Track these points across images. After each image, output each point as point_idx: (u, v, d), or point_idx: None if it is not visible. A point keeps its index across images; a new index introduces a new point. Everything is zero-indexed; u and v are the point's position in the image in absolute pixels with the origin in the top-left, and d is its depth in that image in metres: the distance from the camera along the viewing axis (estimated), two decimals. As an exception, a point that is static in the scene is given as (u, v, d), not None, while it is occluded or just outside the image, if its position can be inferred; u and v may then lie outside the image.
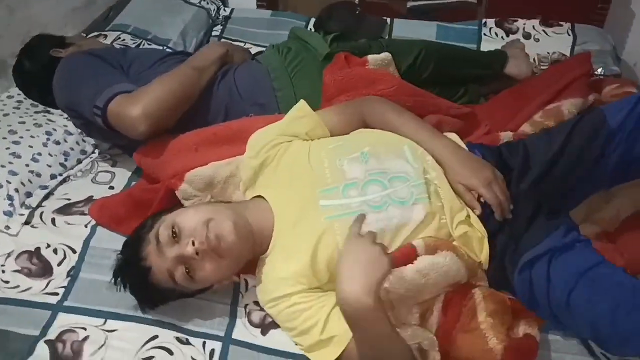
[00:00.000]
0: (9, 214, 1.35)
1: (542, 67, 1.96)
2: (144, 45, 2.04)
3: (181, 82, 1.36)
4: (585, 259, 1.05)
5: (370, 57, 1.46)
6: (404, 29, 2.23)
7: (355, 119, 1.26)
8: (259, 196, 1.18)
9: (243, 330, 1.11)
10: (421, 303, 1.07)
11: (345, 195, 1.09)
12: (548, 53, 2.07)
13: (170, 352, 1.05)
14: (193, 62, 1.44)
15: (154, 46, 2.02)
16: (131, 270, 1.07)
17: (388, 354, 0.96)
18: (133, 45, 2.02)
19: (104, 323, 1.11)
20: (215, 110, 1.44)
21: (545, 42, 2.14)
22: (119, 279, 1.09)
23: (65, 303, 1.16)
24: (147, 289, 1.07)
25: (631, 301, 0.97)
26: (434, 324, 1.06)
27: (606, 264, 1.04)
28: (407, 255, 1.06)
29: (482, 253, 1.11)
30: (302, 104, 1.26)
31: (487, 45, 2.12)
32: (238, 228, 1.05)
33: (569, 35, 2.16)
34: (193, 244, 1.02)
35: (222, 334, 1.10)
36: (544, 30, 2.19)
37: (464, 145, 1.25)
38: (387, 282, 1.00)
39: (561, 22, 2.20)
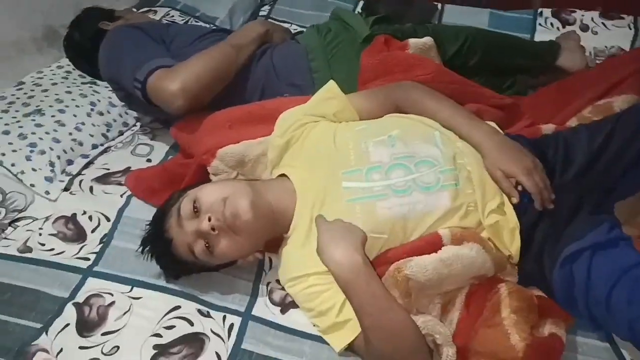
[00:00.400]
0: (49, 179, 1.40)
1: (598, 62, 1.87)
2: (191, 22, 2.07)
3: (219, 59, 1.37)
4: (629, 257, 0.99)
5: (411, 40, 1.42)
6: (455, 16, 2.18)
7: (388, 103, 1.23)
8: (284, 175, 1.17)
9: (263, 308, 1.12)
10: (443, 294, 1.05)
11: (368, 179, 1.08)
12: (606, 47, 1.97)
13: (191, 323, 1.07)
14: (232, 40, 1.45)
15: (201, 24, 2.05)
16: (156, 241, 1.10)
17: (390, 324, 0.95)
18: (181, 22, 2.05)
19: (130, 290, 1.14)
20: (252, 89, 1.44)
21: (604, 35, 2.04)
22: (146, 248, 1.12)
23: (95, 268, 1.19)
24: (170, 260, 1.10)
25: None
26: (455, 316, 1.04)
27: None
28: (432, 243, 1.03)
29: (512, 245, 1.07)
30: (331, 84, 1.24)
31: (541, 36, 2.04)
32: (255, 206, 1.06)
33: (631, 29, 2.05)
34: (209, 219, 1.03)
35: (242, 309, 1.11)
36: (603, 23, 2.09)
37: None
38: (408, 269, 0.98)
39: (623, 15, 2.09)
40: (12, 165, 1.39)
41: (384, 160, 1.09)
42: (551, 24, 2.13)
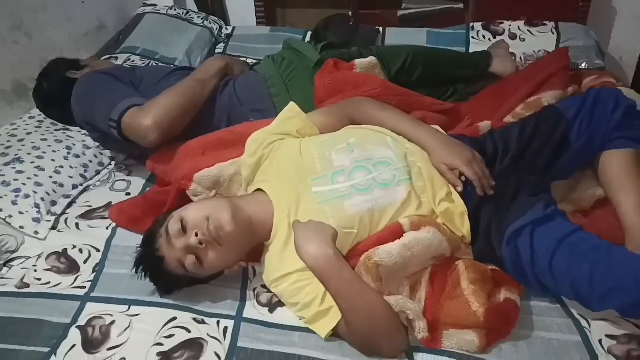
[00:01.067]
0: (37, 220, 1.49)
1: (526, 65, 2.07)
2: (152, 64, 2.19)
3: (186, 94, 1.50)
4: (565, 227, 1.15)
5: (357, 61, 1.60)
6: (396, 37, 2.37)
7: (342, 117, 1.39)
8: (259, 190, 1.30)
9: (252, 310, 1.22)
10: (410, 277, 1.19)
11: (334, 182, 1.23)
12: (534, 52, 2.19)
13: (189, 331, 1.16)
14: (196, 75, 1.59)
15: (161, 65, 2.17)
16: (148, 260, 1.20)
17: (365, 305, 1.08)
18: (142, 65, 2.17)
19: (128, 309, 1.22)
20: (219, 117, 1.58)
21: (531, 41, 2.26)
22: (139, 268, 1.22)
23: (92, 294, 1.28)
24: (163, 276, 1.20)
25: (606, 261, 1.07)
26: (422, 295, 1.18)
27: (583, 232, 1.14)
28: (394, 232, 1.18)
29: (464, 227, 1.22)
30: (292, 105, 1.40)
31: (475, 48, 2.25)
32: (236, 218, 1.18)
33: (553, 33, 2.28)
34: (196, 235, 1.14)
35: (233, 313, 1.21)
36: (529, 30, 2.31)
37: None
38: (376, 256, 1.12)
39: (545, 22, 2.32)
40: (0, 210, 1.47)
41: (346, 164, 1.24)
42: (483, 36, 2.34)
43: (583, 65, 2.13)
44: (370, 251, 1.14)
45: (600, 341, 1.11)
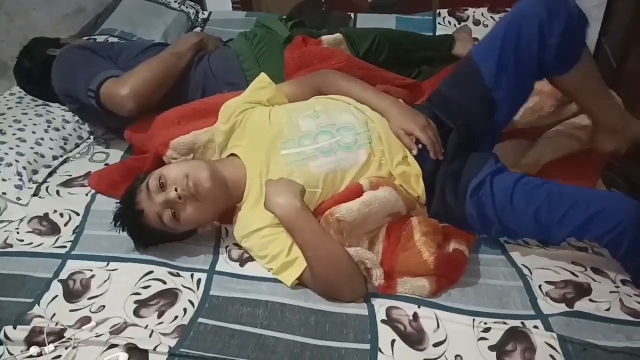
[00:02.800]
0: (19, 187, 1.56)
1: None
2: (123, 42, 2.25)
3: (162, 66, 1.59)
4: (516, 174, 1.29)
5: (324, 37, 1.71)
6: (367, 22, 2.47)
7: (311, 88, 1.50)
8: (232, 154, 1.39)
9: (224, 264, 1.32)
10: (369, 232, 1.29)
11: (300, 145, 1.33)
12: (495, 36, 2.31)
13: (164, 282, 1.25)
14: (171, 49, 1.68)
15: (141, 41, 2.24)
16: (127, 214, 1.29)
17: (328, 253, 1.19)
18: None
19: (107, 264, 1.31)
20: (194, 90, 1.67)
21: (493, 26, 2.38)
22: (118, 222, 1.30)
23: (73, 252, 1.36)
24: (141, 229, 1.29)
25: (557, 190, 1.22)
26: (380, 248, 1.29)
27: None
28: (355, 192, 1.28)
29: (419, 188, 1.33)
30: (262, 76, 1.49)
31: (441, 33, 2.36)
32: (213, 177, 1.28)
33: (514, 20, 2.40)
34: (176, 190, 1.24)
35: (207, 267, 1.30)
36: (491, 17, 2.45)
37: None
38: (338, 212, 1.22)
39: (507, 9, 2.41)
40: (-18, 178, 1.54)
41: (312, 129, 1.35)
42: (448, 22, 2.47)
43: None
44: (332, 208, 1.25)
45: (540, 286, 1.23)
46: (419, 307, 1.18)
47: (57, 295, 1.23)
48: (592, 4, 2.61)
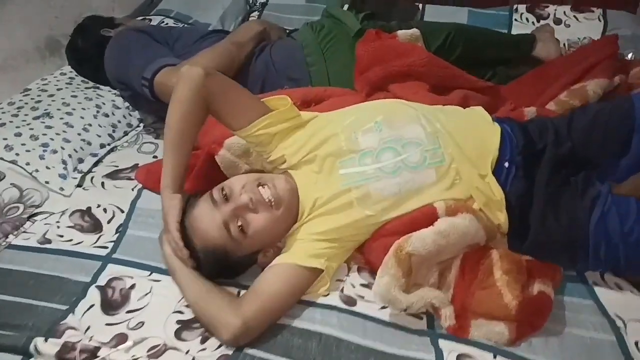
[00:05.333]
0: (63, 176, 1.48)
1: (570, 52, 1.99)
2: (182, 27, 2.15)
3: (222, 55, 1.47)
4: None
5: (400, 32, 1.53)
6: (436, 15, 2.29)
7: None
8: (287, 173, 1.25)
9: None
10: (440, 262, 1.14)
11: (361, 164, 1.18)
12: (578, 39, 2.10)
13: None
14: (233, 38, 1.55)
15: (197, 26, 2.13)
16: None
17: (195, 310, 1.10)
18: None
19: (150, 274, 1.20)
20: (253, 83, 1.54)
21: (576, 27, 2.17)
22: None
23: (114, 255, 1.26)
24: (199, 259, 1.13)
25: None
26: (452, 281, 1.13)
27: None
28: (427, 215, 1.13)
29: (501, 215, 1.17)
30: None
31: (517, 31, 2.17)
32: (289, 182, 1.17)
33: (600, 21, 2.19)
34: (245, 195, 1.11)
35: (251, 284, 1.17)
36: (574, 16, 2.22)
37: (489, 118, 1.32)
38: (409, 246, 1.07)
39: (592, 8, 2.23)
40: (27, 164, 1.46)
41: (374, 145, 1.19)
42: (526, 19, 2.26)
43: (629, 56, 2.02)
44: (402, 240, 1.09)
45: (636, 343, 1.06)
46: (495, 357, 1.02)
47: (93, 305, 1.13)
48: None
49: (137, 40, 1.56)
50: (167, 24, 2.17)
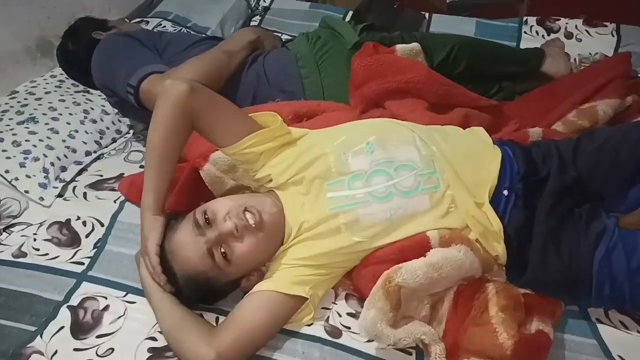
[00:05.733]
0: (43, 186, 1.41)
1: (581, 69, 1.91)
2: (183, 32, 2.10)
3: (211, 65, 1.40)
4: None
5: (398, 46, 1.46)
6: (442, 25, 2.22)
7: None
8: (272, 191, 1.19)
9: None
10: (432, 294, 1.07)
11: (350, 187, 1.10)
12: (590, 54, 2.02)
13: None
14: (224, 46, 1.48)
15: (191, 32, 2.07)
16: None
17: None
18: (172, 32, 2.07)
19: (125, 295, 1.14)
20: (244, 94, 1.47)
21: (588, 42, 2.09)
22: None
23: (90, 273, 1.20)
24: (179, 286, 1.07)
25: None
26: (444, 315, 1.06)
27: None
28: (420, 244, 1.06)
29: (499, 247, 1.09)
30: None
31: (527, 44, 2.10)
32: (276, 204, 1.11)
33: (613, 36, 2.10)
34: (230, 219, 1.04)
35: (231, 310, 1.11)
36: (586, 30, 2.14)
37: (490, 140, 1.24)
38: (399, 277, 1.00)
39: (606, 23, 2.14)
40: (6, 172, 1.40)
41: (364, 168, 1.12)
42: (536, 32, 2.18)
43: (642, 74, 1.95)
44: (391, 270, 1.01)
45: (640, 390, 0.98)
46: (487, 399, 0.95)
47: (63, 327, 1.07)
48: None
49: (124, 45, 1.50)
50: (164, 26, 2.12)
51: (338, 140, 1.17)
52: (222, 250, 1.04)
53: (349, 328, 1.08)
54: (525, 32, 2.18)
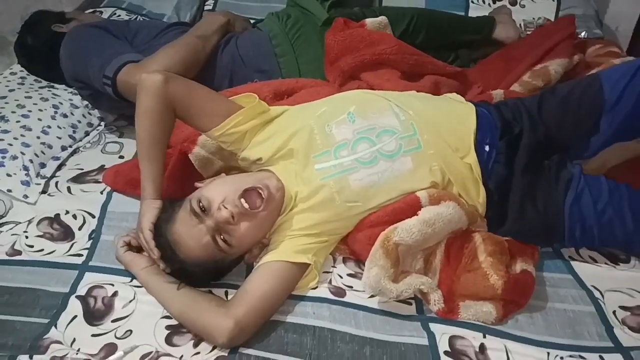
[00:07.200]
0: (26, 183, 1.40)
1: (528, 32, 2.04)
2: (139, 19, 2.07)
3: (187, 50, 1.42)
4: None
5: (368, 20, 1.53)
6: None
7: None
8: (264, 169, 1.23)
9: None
10: (425, 249, 1.16)
11: (337, 156, 1.17)
12: (533, 19, 2.14)
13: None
14: (197, 31, 1.50)
15: (159, 21, 2.05)
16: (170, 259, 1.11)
17: (175, 313, 1.08)
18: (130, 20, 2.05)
19: (131, 281, 1.16)
20: (220, 77, 1.50)
21: (531, 8, 2.21)
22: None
23: (91, 263, 1.21)
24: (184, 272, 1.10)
25: None
26: (437, 267, 1.15)
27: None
28: (411, 205, 1.14)
29: (479, 197, 1.19)
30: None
31: (474, 13, 2.18)
32: (279, 181, 1.15)
33: (553, 1, 2.23)
34: (225, 208, 1.06)
35: (240, 283, 1.15)
36: (530, -4, 2.27)
37: (462, 99, 1.35)
38: (396, 236, 1.08)
39: (548, -12, 2.28)
40: (-14, 173, 1.38)
41: (348, 137, 1.19)
42: (483, 0, 2.28)
43: (582, 34, 2.09)
44: (388, 230, 1.10)
45: (614, 312, 1.11)
46: (484, 336, 1.05)
47: (76, 316, 1.09)
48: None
49: (94, 36, 1.48)
50: (119, 15, 2.08)
51: (319, 112, 1.24)
52: (222, 237, 1.08)
53: (352, 287, 1.16)
54: (472, 2, 2.26)
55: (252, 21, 1.74)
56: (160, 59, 1.37)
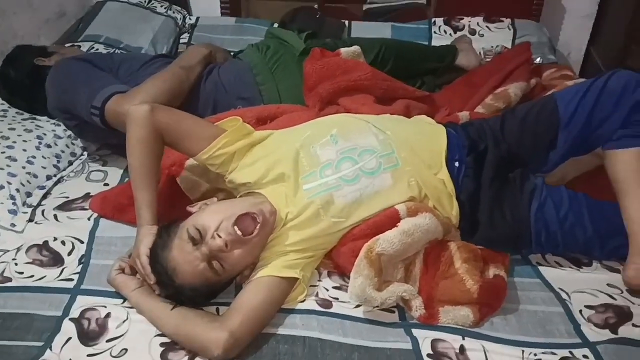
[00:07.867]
0: (13, 212, 1.42)
1: (487, 59, 2.18)
2: (121, 53, 2.13)
3: (172, 80, 1.49)
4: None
5: (342, 49, 1.64)
6: (362, 31, 2.42)
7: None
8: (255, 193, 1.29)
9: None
10: (404, 259, 1.23)
11: (322, 176, 1.25)
12: (492, 46, 2.30)
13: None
14: (181, 62, 1.57)
15: (142, 53, 2.12)
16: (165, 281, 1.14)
17: (168, 332, 1.12)
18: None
19: (123, 302, 1.19)
20: (204, 105, 1.57)
21: (489, 36, 2.39)
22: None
23: (82, 286, 1.24)
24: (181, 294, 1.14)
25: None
26: (417, 275, 1.23)
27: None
28: (390, 217, 1.22)
29: (452, 209, 1.29)
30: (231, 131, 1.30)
31: (437, 42, 2.35)
32: (272, 205, 1.20)
33: (510, 29, 2.42)
34: (219, 236, 1.10)
35: (230, 300, 1.19)
36: (487, 26, 2.44)
37: (433, 121, 1.46)
38: (378, 247, 1.15)
39: (502, 18, 2.45)
40: (-27, 202, 1.40)
41: (332, 157, 1.27)
42: (444, 31, 2.44)
43: (537, 60, 2.24)
44: (370, 242, 1.17)
45: (580, 311, 1.20)
46: (463, 338, 1.13)
47: (70, 337, 1.11)
48: (581, 15, 2.65)
49: (81, 69, 1.54)
50: (97, 49, 2.13)
51: (304, 135, 1.32)
52: (216, 263, 1.12)
53: (337, 299, 1.22)
54: (435, 32, 2.44)
55: (231, 53, 1.82)
56: (147, 89, 1.44)
